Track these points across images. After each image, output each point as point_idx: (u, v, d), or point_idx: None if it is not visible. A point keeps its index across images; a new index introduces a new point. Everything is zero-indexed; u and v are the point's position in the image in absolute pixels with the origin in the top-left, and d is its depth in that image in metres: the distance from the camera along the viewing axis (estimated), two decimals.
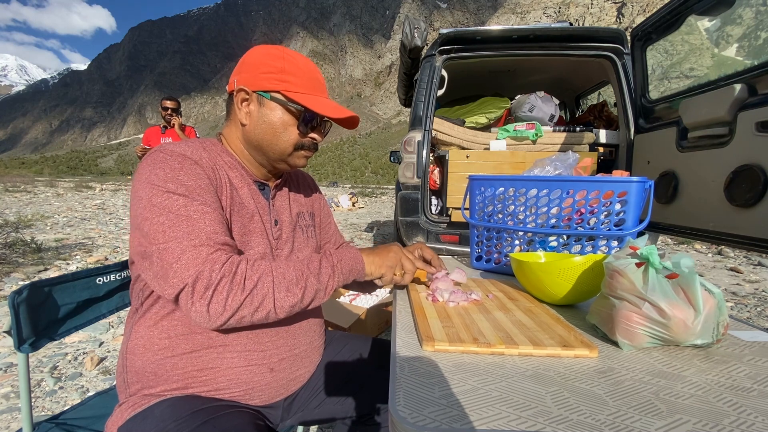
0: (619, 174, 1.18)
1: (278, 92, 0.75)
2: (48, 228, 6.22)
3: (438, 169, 2.83)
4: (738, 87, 1.31)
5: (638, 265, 0.63)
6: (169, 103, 3.65)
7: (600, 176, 0.97)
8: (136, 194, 0.66)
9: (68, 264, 4.02)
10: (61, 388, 1.83)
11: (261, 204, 0.81)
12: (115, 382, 1.10)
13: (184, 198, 0.65)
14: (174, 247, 0.61)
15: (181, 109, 3.80)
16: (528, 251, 1.04)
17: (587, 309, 0.79)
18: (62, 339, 2.04)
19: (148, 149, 3.53)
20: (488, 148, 2.68)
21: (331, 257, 0.74)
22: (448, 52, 2.62)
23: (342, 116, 0.78)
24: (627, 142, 2.43)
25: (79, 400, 1.15)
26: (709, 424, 0.43)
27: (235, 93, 0.76)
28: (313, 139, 0.81)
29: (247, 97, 0.76)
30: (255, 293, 0.63)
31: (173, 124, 3.62)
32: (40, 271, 3.68)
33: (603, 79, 3.24)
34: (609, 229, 0.95)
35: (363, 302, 2.44)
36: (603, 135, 2.63)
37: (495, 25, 2.60)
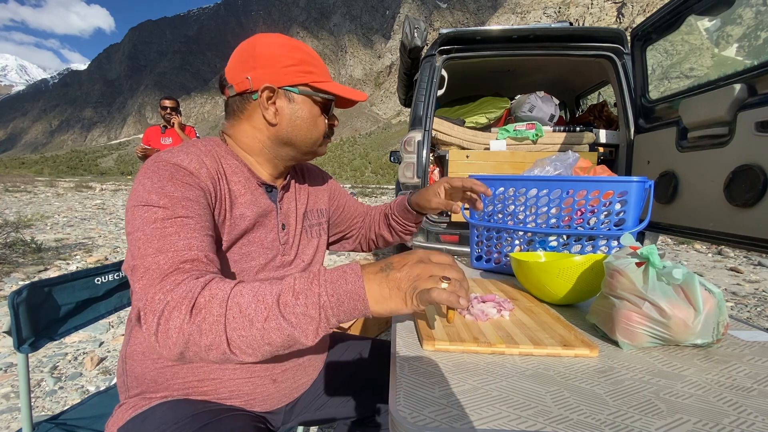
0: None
1: (305, 85, 0.73)
2: (48, 228, 6.22)
3: (438, 169, 2.84)
4: (738, 87, 1.31)
5: (638, 264, 0.63)
6: (168, 103, 3.65)
7: (600, 176, 0.97)
8: (126, 205, 0.63)
9: (68, 264, 4.02)
10: (61, 388, 1.83)
11: (267, 209, 0.77)
12: (114, 382, 1.10)
13: (164, 210, 0.59)
14: (140, 264, 0.56)
15: (181, 109, 3.79)
16: (528, 251, 1.04)
17: (587, 309, 0.79)
18: (62, 339, 2.05)
19: (148, 149, 3.53)
20: (488, 148, 2.68)
21: (318, 293, 0.51)
22: (448, 52, 2.62)
23: (363, 98, 0.80)
24: (627, 142, 2.43)
25: (79, 400, 1.16)
26: (710, 424, 0.43)
27: (259, 92, 0.70)
28: (333, 124, 0.81)
29: (272, 94, 0.72)
30: (204, 329, 0.50)
31: (173, 123, 3.62)
32: (40, 271, 3.68)
33: (603, 79, 3.24)
34: (609, 229, 0.95)
35: None
36: (603, 135, 2.63)
37: (495, 25, 2.60)
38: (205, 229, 0.61)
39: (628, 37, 1.97)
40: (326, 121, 0.78)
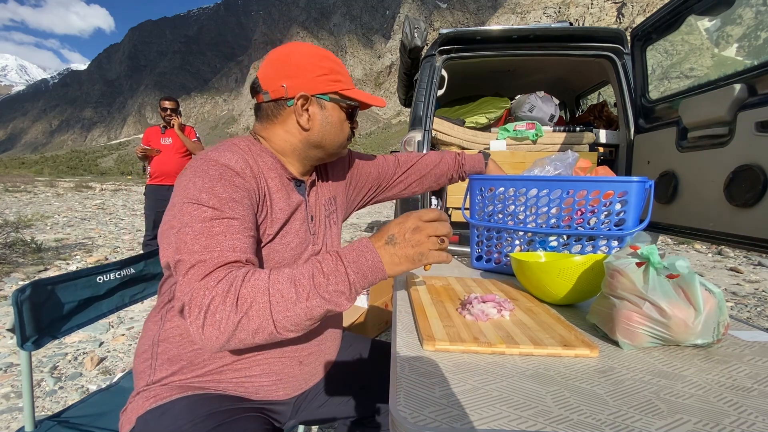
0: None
1: (335, 93, 0.79)
2: (48, 228, 6.22)
3: None
4: (738, 87, 1.31)
5: (638, 264, 0.63)
6: (168, 104, 3.62)
7: (600, 176, 0.97)
8: (172, 200, 0.67)
9: (68, 264, 4.02)
10: (61, 388, 1.83)
11: (298, 203, 0.81)
12: (115, 380, 1.10)
13: (213, 210, 0.63)
14: (186, 260, 0.60)
15: (180, 109, 3.77)
16: (528, 251, 1.04)
17: (587, 309, 0.79)
18: (62, 339, 2.05)
19: (147, 149, 3.51)
20: (488, 148, 2.68)
21: (346, 272, 0.61)
22: (448, 52, 2.62)
23: (382, 104, 0.88)
24: (627, 142, 2.43)
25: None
26: (710, 424, 0.43)
27: (295, 100, 0.76)
28: (355, 128, 0.87)
29: (306, 102, 0.77)
30: (250, 315, 0.57)
31: (173, 125, 3.60)
32: (40, 271, 3.68)
33: (603, 79, 3.23)
34: (609, 229, 0.95)
35: (363, 302, 2.44)
36: (603, 135, 2.63)
37: (495, 25, 2.60)
38: (248, 230, 0.66)
39: (628, 37, 1.97)
40: (350, 124, 0.84)
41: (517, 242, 1.08)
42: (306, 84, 0.76)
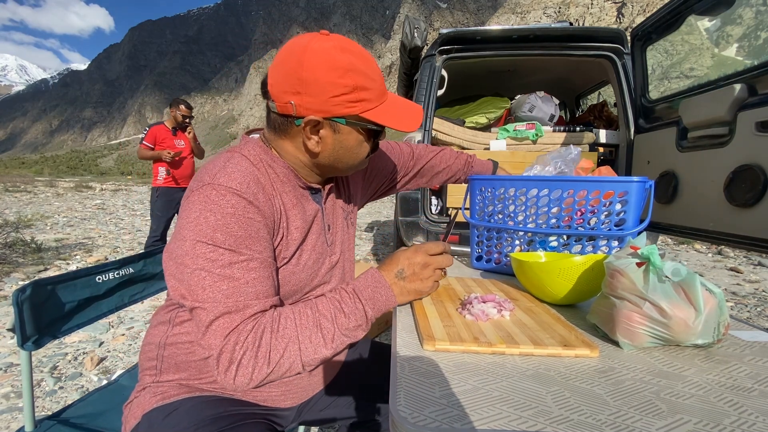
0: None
1: (354, 116, 0.67)
2: (48, 228, 6.21)
3: None
4: (738, 87, 1.31)
5: (639, 264, 0.63)
6: (187, 111, 3.51)
7: (600, 176, 0.97)
8: (181, 231, 0.61)
9: (68, 264, 4.02)
10: (61, 388, 1.83)
11: (314, 213, 0.76)
12: (114, 377, 1.10)
13: (231, 253, 0.59)
14: (210, 308, 0.58)
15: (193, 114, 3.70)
16: (528, 251, 1.04)
17: (588, 309, 0.79)
18: (62, 339, 2.05)
19: (166, 154, 3.35)
20: (488, 148, 2.68)
21: (364, 310, 0.66)
22: (448, 52, 2.62)
23: (414, 127, 0.70)
24: (627, 142, 2.43)
25: None
26: (710, 424, 0.43)
27: (303, 123, 0.66)
28: (381, 138, 0.78)
29: (316, 124, 0.67)
30: (282, 363, 0.60)
31: (189, 132, 3.58)
32: (40, 271, 3.68)
33: (603, 79, 3.24)
34: (609, 229, 0.95)
35: None
36: (603, 135, 2.64)
37: (495, 25, 2.60)
38: (268, 268, 0.65)
39: (628, 37, 1.97)
40: (373, 143, 0.75)
41: (517, 242, 1.08)
42: (318, 106, 0.64)
